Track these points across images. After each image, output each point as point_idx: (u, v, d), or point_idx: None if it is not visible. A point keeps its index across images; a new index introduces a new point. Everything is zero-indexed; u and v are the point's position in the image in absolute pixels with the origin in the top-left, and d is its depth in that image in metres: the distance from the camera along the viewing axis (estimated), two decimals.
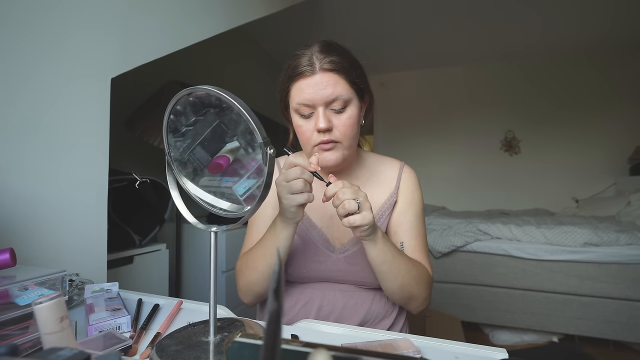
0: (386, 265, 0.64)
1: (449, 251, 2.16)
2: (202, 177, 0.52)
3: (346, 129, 0.65)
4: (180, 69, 2.20)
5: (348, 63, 0.65)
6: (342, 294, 0.74)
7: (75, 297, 0.66)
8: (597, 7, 2.74)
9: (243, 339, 0.28)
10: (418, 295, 0.69)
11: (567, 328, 1.96)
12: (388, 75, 4.33)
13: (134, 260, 1.34)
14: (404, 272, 0.66)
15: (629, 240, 1.88)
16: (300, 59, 0.64)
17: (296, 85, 0.65)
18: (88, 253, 0.83)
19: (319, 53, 0.64)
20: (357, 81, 0.66)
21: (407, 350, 0.47)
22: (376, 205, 0.76)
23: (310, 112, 0.65)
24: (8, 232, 0.67)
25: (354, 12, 2.87)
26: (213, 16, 1.26)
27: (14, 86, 0.69)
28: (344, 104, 0.64)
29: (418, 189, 0.79)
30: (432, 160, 4.11)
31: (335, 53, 0.64)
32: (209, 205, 0.52)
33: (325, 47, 0.65)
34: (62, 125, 0.77)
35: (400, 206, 0.76)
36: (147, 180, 1.34)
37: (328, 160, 0.67)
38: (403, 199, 0.77)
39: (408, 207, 0.76)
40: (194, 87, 0.45)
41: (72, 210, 0.79)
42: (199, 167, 0.51)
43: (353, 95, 0.65)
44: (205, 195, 0.52)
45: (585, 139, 3.61)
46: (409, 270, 0.66)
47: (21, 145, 0.70)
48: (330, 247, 0.74)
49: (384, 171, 0.79)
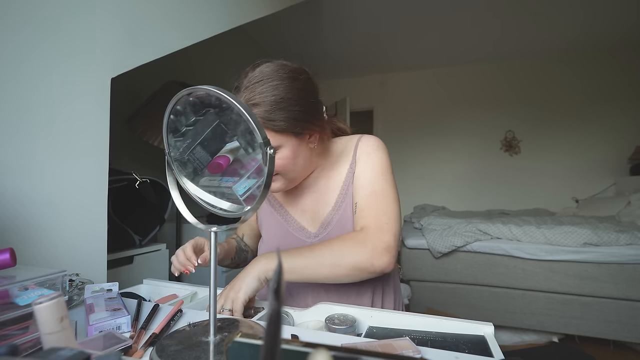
0: (295, 276, 0.65)
1: (449, 251, 2.16)
2: (202, 177, 0.52)
3: (280, 168, 0.67)
4: (180, 69, 2.20)
5: (273, 108, 0.62)
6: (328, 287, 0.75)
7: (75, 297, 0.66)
8: (597, 7, 2.74)
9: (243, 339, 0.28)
10: (356, 262, 0.64)
11: (567, 328, 1.96)
12: (388, 75, 4.33)
13: (134, 260, 1.34)
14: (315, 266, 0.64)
15: (629, 240, 1.88)
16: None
17: None
18: (88, 253, 0.83)
19: (245, 93, 0.63)
20: (284, 127, 0.63)
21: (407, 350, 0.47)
22: (340, 182, 0.76)
23: None
24: (8, 232, 0.67)
25: (354, 11, 2.87)
26: (213, 16, 1.26)
27: (14, 86, 0.69)
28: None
29: (376, 150, 0.75)
30: (432, 160, 4.11)
31: (260, 98, 0.62)
32: (209, 205, 0.52)
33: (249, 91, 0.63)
34: (62, 125, 0.77)
35: (357, 170, 0.75)
36: (147, 180, 1.34)
37: (273, 189, 0.72)
38: (361, 164, 0.75)
39: (364, 168, 0.74)
40: (194, 87, 0.45)
41: (72, 210, 0.79)
42: (199, 167, 0.51)
43: (283, 139, 0.64)
44: (205, 195, 0.52)
45: (586, 139, 3.61)
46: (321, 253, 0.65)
47: (21, 145, 0.70)
48: (306, 233, 0.78)
49: (345, 149, 0.79)
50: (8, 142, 0.68)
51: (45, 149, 0.74)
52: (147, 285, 0.82)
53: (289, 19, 2.82)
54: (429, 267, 2.23)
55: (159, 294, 0.72)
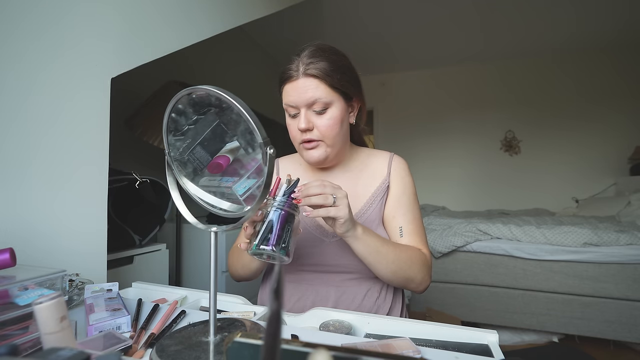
0: (372, 257, 0.68)
1: (449, 251, 2.16)
2: (202, 177, 0.52)
3: (326, 129, 0.70)
4: (180, 69, 2.20)
5: (332, 68, 0.69)
6: (335, 289, 0.76)
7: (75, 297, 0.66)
8: (599, 6, 2.74)
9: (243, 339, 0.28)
10: (414, 277, 0.72)
11: (567, 328, 1.96)
12: (388, 75, 4.33)
13: (134, 260, 1.34)
14: (392, 259, 0.69)
15: (629, 240, 1.88)
16: (290, 64, 0.71)
17: (285, 88, 0.72)
18: (88, 253, 0.83)
19: (306, 58, 0.69)
20: (339, 85, 0.70)
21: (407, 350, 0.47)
22: (367, 194, 0.80)
23: (296, 113, 0.72)
24: (8, 231, 0.67)
25: (355, 11, 2.87)
26: (213, 16, 1.26)
27: (14, 86, 0.69)
28: (324, 105, 0.69)
29: (408, 175, 0.83)
30: (432, 160, 4.11)
31: (321, 58, 0.69)
32: (209, 205, 0.52)
33: (313, 53, 0.70)
34: (62, 124, 0.77)
35: (394, 192, 0.80)
36: (147, 180, 1.34)
37: (311, 157, 0.74)
38: (396, 186, 0.81)
39: (402, 193, 0.81)
40: (194, 87, 0.45)
41: (72, 210, 0.79)
42: (199, 167, 0.51)
43: (335, 98, 0.70)
44: (205, 195, 0.52)
45: (586, 139, 3.61)
46: (398, 256, 0.70)
47: (21, 145, 0.70)
48: (324, 232, 0.78)
49: (375, 162, 0.84)
50: (8, 142, 0.68)
51: (45, 148, 0.74)
52: (136, 288, 0.80)
53: (290, 18, 2.82)
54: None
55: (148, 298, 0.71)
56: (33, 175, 0.72)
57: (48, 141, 0.75)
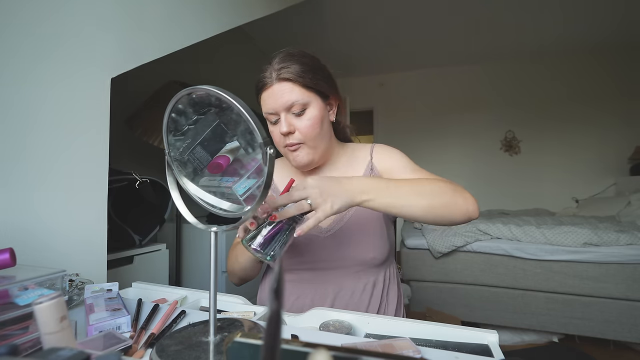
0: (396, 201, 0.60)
1: (449, 251, 2.16)
2: (202, 177, 0.52)
3: (307, 129, 0.71)
4: (180, 69, 2.20)
5: (303, 69, 0.70)
6: (333, 285, 0.77)
7: (75, 297, 0.66)
8: (598, 7, 2.74)
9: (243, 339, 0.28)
10: (455, 200, 0.64)
11: (567, 328, 1.96)
12: (387, 75, 4.33)
13: (134, 260, 1.34)
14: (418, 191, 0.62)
15: (629, 240, 1.88)
16: (264, 73, 0.72)
17: (262, 97, 0.73)
18: (88, 253, 0.83)
19: (277, 64, 0.70)
20: (313, 84, 0.70)
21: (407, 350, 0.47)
22: None
23: (276, 119, 0.72)
24: (8, 231, 0.67)
25: (354, 12, 2.87)
26: (213, 16, 1.26)
27: (14, 86, 0.69)
28: (302, 107, 0.70)
29: (393, 152, 0.81)
30: (432, 160, 4.10)
31: (292, 62, 0.70)
32: (209, 205, 0.52)
33: (283, 58, 0.71)
34: (62, 125, 0.77)
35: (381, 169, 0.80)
36: (147, 180, 1.34)
37: (299, 161, 0.74)
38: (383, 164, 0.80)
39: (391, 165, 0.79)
40: (194, 86, 0.45)
41: (72, 210, 0.79)
42: (199, 167, 0.51)
43: (312, 97, 0.71)
44: (205, 195, 0.52)
45: (586, 139, 3.61)
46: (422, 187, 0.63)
47: (21, 145, 0.70)
48: (316, 228, 0.78)
49: (359, 154, 0.84)
50: (8, 142, 0.68)
51: (45, 148, 0.74)
52: (136, 288, 0.80)
53: (290, 19, 2.82)
54: (428, 267, 2.23)
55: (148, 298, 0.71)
56: (33, 175, 0.72)
57: (48, 141, 0.75)
